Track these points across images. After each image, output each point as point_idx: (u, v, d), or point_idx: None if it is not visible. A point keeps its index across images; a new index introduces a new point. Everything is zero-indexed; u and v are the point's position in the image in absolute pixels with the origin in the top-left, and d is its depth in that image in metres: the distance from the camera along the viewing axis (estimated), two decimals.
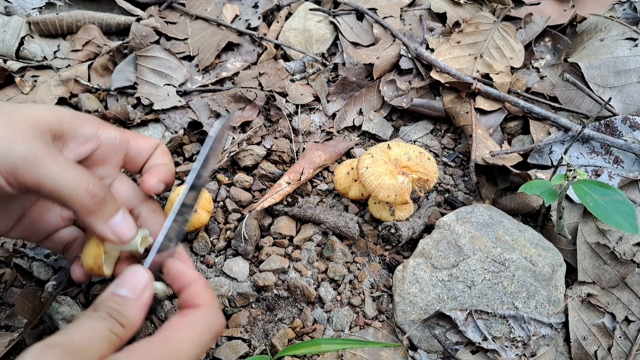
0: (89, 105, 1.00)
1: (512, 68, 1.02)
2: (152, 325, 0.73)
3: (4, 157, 0.47)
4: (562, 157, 0.76)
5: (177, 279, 0.53)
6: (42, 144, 0.50)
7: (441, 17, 1.13)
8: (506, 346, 0.69)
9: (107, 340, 0.44)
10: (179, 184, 0.87)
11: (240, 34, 1.16)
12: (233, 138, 0.92)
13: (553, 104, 0.96)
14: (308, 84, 1.06)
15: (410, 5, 1.19)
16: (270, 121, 0.98)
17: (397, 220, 0.80)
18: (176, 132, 0.95)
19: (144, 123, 0.97)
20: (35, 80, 1.04)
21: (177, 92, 1.02)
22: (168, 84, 1.03)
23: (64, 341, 0.41)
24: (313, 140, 0.94)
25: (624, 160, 0.85)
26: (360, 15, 1.16)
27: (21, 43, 1.08)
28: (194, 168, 0.57)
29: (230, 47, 1.13)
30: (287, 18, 1.20)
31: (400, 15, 1.15)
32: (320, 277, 0.76)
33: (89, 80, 1.06)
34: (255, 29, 1.18)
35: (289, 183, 0.83)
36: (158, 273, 0.55)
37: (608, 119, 0.88)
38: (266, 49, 1.12)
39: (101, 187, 0.52)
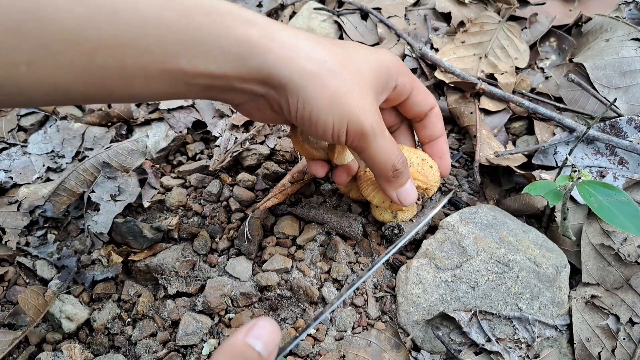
0: (93, 105, 1.00)
1: (516, 68, 1.02)
2: (155, 325, 0.73)
3: (357, 123, 0.57)
4: (566, 158, 0.76)
5: None
6: (378, 114, 0.60)
7: (446, 17, 1.13)
8: (510, 347, 0.69)
9: None
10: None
11: None
12: (236, 138, 0.92)
13: (558, 104, 0.96)
14: None
15: (415, 4, 1.18)
16: None
17: (400, 221, 0.79)
18: (181, 131, 0.95)
19: (147, 122, 0.97)
20: None
21: None
22: None
23: None
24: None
25: (629, 161, 0.85)
26: (364, 15, 1.16)
27: None
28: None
29: None
30: (291, 17, 1.20)
31: (405, 15, 1.15)
32: (323, 277, 0.76)
33: None
34: None
35: (292, 182, 0.83)
36: None
37: (613, 120, 0.87)
38: None
39: (403, 163, 0.65)
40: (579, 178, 0.69)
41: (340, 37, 1.14)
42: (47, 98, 0.50)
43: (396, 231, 0.78)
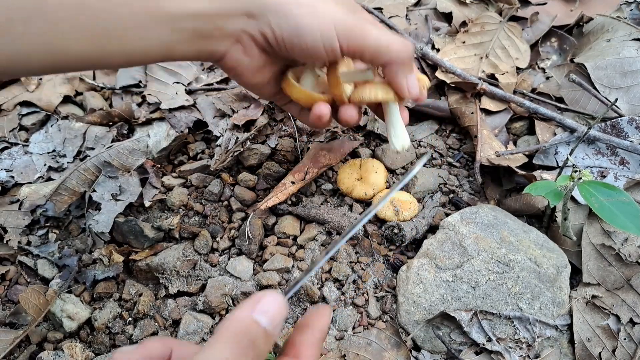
0: (94, 104, 1.00)
1: (517, 68, 1.02)
2: (156, 324, 0.73)
3: (344, 24, 0.58)
4: (567, 158, 0.76)
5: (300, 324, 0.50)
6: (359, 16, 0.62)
7: (447, 17, 1.13)
8: (510, 347, 0.69)
9: None
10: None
11: None
12: (237, 137, 0.92)
13: (559, 104, 0.96)
14: None
15: (416, 4, 1.18)
16: (275, 120, 0.98)
17: (401, 221, 0.79)
18: (182, 131, 0.95)
19: (148, 122, 0.97)
20: (41, 79, 1.04)
21: (185, 90, 1.02)
22: (177, 82, 1.03)
23: None
24: (318, 140, 0.94)
25: (630, 161, 0.85)
26: None
27: None
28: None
29: None
30: None
31: (406, 15, 1.15)
32: (324, 277, 0.76)
33: (94, 78, 1.06)
34: None
35: (294, 182, 0.83)
36: None
37: (614, 120, 0.87)
38: None
39: (410, 45, 0.63)
40: (580, 178, 0.69)
41: None
42: (44, 61, 0.52)
43: (396, 230, 0.78)
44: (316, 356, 0.47)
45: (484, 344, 0.68)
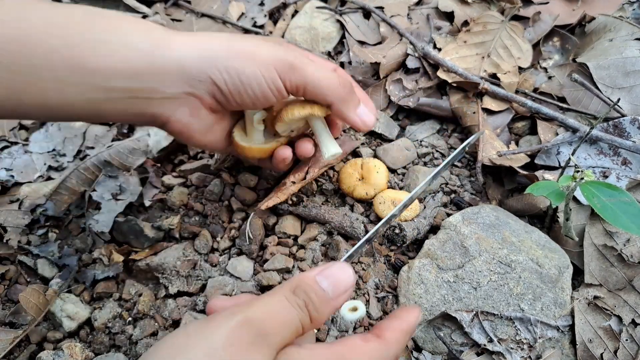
0: None
1: (519, 68, 1.01)
2: (156, 324, 0.73)
3: (282, 63, 0.59)
4: (569, 158, 0.76)
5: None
6: (298, 52, 0.63)
7: (449, 16, 1.12)
8: (512, 348, 0.69)
9: (295, 331, 0.43)
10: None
11: (246, 31, 1.16)
12: None
13: (561, 104, 0.95)
14: None
15: (418, 3, 1.18)
16: None
17: (402, 221, 0.79)
18: None
19: None
20: None
21: None
22: None
23: (263, 323, 0.41)
24: None
25: (632, 161, 0.84)
26: (367, 14, 1.16)
27: None
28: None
29: None
30: (293, 16, 1.20)
31: (408, 14, 1.15)
32: None
33: None
34: (262, 26, 1.18)
35: (294, 182, 0.83)
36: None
37: (616, 120, 0.87)
38: None
39: (349, 80, 0.67)
40: (582, 178, 0.69)
41: (342, 37, 1.13)
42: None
43: (397, 231, 0.77)
44: (400, 342, 0.48)
45: (485, 345, 0.68)
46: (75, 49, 0.51)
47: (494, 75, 0.99)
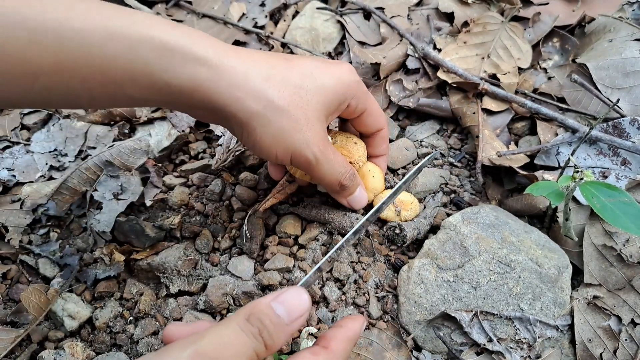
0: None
1: (519, 68, 1.02)
2: (157, 323, 0.73)
3: (300, 158, 0.62)
4: (569, 159, 0.76)
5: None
6: (323, 141, 0.63)
7: (449, 17, 1.13)
8: (511, 348, 0.69)
9: (248, 359, 0.43)
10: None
11: (247, 32, 1.16)
12: None
13: (561, 104, 0.96)
14: None
15: (418, 4, 1.18)
16: None
17: (402, 221, 0.79)
18: (183, 130, 0.95)
19: (150, 121, 0.97)
20: None
21: None
22: None
23: (213, 356, 0.40)
24: None
25: (632, 162, 0.84)
26: (367, 14, 1.16)
27: None
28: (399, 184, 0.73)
29: (237, 45, 1.13)
30: (294, 17, 1.20)
31: (408, 15, 1.15)
32: (325, 277, 0.76)
33: None
34: (262, 27, 1.18)
35: (290, 182, 0.83)
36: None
37: (616, 121, 0.87)
38: (273, 47, 1.12)
39: (350, 178, 0.68)
40: (582, 179, 0.69)
41: (343, 37, 1.14)
42: None
43: (397, 231, 0.78)
44: (345, 352, 0.49)
45: (484, 345, 0.68)
46: (114, 81, 0.51)
47: (493, 76, 0.99)
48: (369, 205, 0.81)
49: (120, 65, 0.50)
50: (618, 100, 0.80)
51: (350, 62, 1.08)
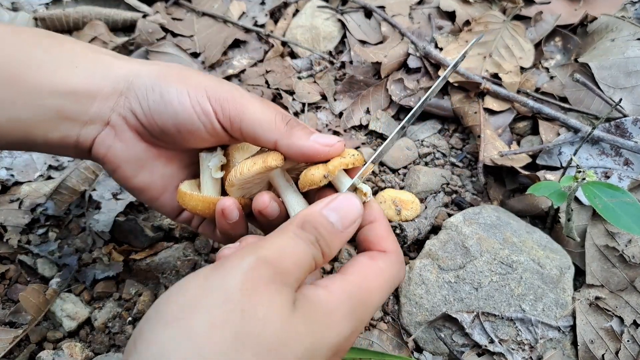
0: None
1: (521, 68, 1.01)
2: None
3: (216, 90, 0.53)
4: (571, 159, 0.76)
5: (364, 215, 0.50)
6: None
7: (450, 16, 1.12)
8: (513, 349, 0.68)
9: (309, 268, 0.42)
10: None
11: (247, 31, 1.16)
12: None
13: (563, 104, 0.95)
14: (315, 82, 1.06)
15: (419, 3, 1.18)
16: None
17: (403, 221, 0.79)
18: None
19: None
20: None
21: None
22: None
23: (277, 262, 0.39)
24: None
25: (634, 162, 0.84)
26: (368, 13, 1.16)
27: None
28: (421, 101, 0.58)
29: (236, 44, 1.13)
30: (294, 15, 1.20)
31: (409, 14, 1.15)
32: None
33: None
34: (262, 26, 1.18)
35: None
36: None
37: (618, 120, 0.87)
38: (273, 46, 1.12)
39: (285, 114, 0.55)
40: (584, 179, 0.69)
41: (344, 36, 1.13)
42: None
43: (398, 231, 0.77)
44: (399, 247, 0.49)
45: (486, 346, 0.68)
46: (19, 65, 0.50)
47: (495, 75, 0.99)
48: None
49: (24, 49, 0.51)
50: (620, 100, 0.79)
51: (351, 62, 1.08)
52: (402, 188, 0.87)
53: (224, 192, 0.59)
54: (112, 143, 0.55)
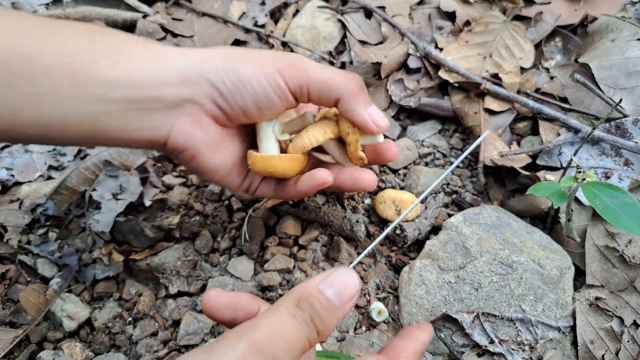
0: None
1: (521, 68, 1.01)
2: (156, 324, 0.73)
3: (282, 62, 0.57)
4: (571, 159, 0.75)
5: None
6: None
7: (450, 16, 1.12)
8: (513, 349, 0.68)
9: (302, 348, 0.41)
10: None
11: (247, 31, 1.16)
12: None
13: (563, 104, 0.95)
14: None
15: (420, 3, 1.18)
16: None
17: (403, 221, 0.79)
18: None
19: None
20: None
21: None
22: None
23: (270, 347, 0.39)
24: None
25: (634, 162, 0.84)
26: (368, 13, 1.16)
27: None
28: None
29: (237, 44, 1.13)
30: (294, 15, 1.20)
31: (409, 14, 1.14)
32: None
33: None
34: (263, 26, 1.18)
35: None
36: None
37: (618, 121, 0.86)
38: (273, 46, 1.11)
39: (358, 77, 0.61)
40: (584, 179, 0.69)
41: (344, 36, 1.13)
42: None
43: (398, 231, 0.77)
44: None
45: (486, 346, 0.68)
46: (76, 59, 0.49)
47: (495, 76, 0.99)
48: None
49: (88, 42, 0.50)
50: (620, 100, 0.79)
51: (351, 62, 1.08)
52: (402, 188, 0.87)
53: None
54: (191, 130, 0.57)
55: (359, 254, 0.78)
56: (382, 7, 1.15)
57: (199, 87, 0.55)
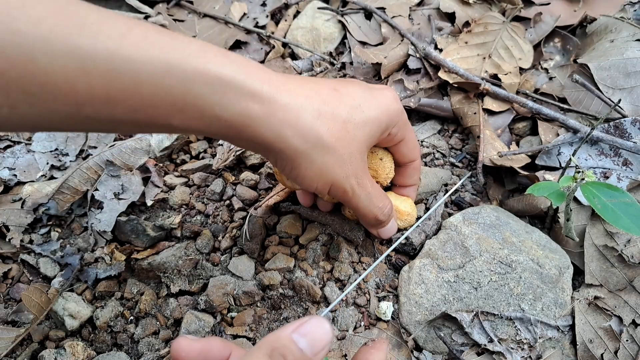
0: None
1: (520, 69, 1.01)
2: (158, 323, 0.73)
3: (339, 189, 0.62)
4: (570, 159, 0.76)
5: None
6: (362, 174, 0.63)
7: (450, 17, 1.12)
8: (512, 348, 0.69)
9: None
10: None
11: (248, 32, 1.16)
12: None
13: (562, 105, 0.96)
14: None
15: (419, 4, 1.18)
16: None
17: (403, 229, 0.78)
18: None
19: None
20: None
21: None
22: None
23: None
24: None
25: (633, 162, 0.84)
26: (368, 14, 1.16)
27: None
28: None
29: (238, 45, 1.13)
30: (295, 16, 1.20)
31: (409, 15, 1.15)
32: (325, 277, 0.76)
33: None
34: (263, 27, 1.18)
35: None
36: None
37: (617, 121, 0.87)
38: (274, 47, 1.12)
39: (388, 213, 0.68)
40: (583, 179, 0.69)
41: (344, 37, 1.14)
42: (27, 131, 0.53)
43: (403, 241, 0.77)
44: None
45: (485, 345, 0.68)
46: (161, 112, 0.49)
47: (495, 76, 0.99)
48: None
49: (171, 97, 0.48)
50: (619, 100, 0.79)
51: (352, 63, 1.08)
52: None
53: None
54: None
55: (359, 253, 0.79)
56: (382, 8, 1.15)
57: (268, 153, 0.59)
